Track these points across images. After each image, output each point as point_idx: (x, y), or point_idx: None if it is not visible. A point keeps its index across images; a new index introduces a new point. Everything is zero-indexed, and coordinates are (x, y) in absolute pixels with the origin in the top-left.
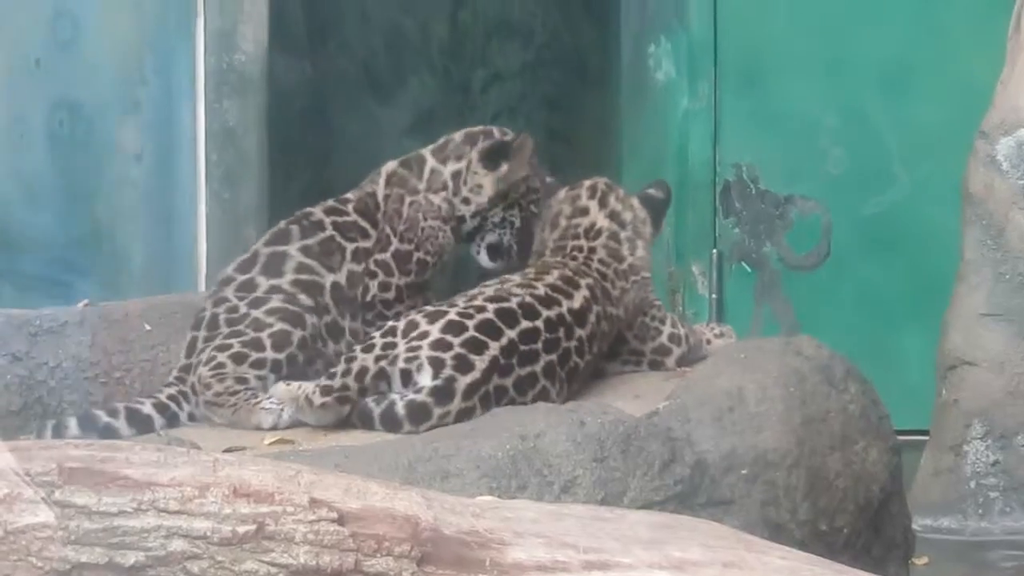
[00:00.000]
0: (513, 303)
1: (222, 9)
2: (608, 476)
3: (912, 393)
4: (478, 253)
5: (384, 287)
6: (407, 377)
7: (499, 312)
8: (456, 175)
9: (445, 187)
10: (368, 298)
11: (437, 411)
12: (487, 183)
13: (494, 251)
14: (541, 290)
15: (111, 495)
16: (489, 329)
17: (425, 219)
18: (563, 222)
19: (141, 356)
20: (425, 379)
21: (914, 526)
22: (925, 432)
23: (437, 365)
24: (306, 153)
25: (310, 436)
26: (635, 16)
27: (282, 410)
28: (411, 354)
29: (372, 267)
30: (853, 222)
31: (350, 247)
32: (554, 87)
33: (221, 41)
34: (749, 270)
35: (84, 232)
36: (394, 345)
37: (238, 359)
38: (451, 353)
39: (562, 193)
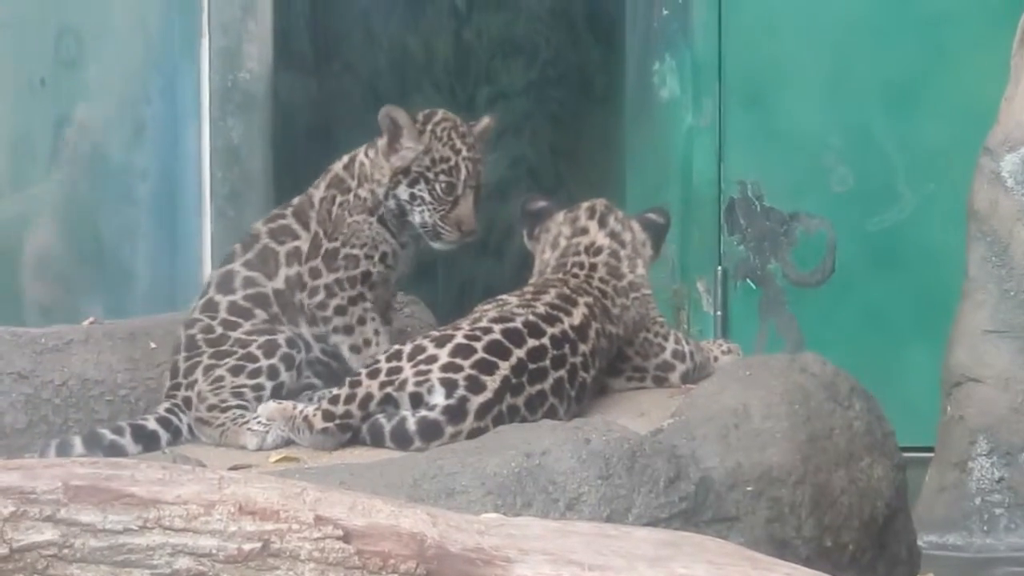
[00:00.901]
0: (518, 323)
1: (227, 28)
2: (613, 493)
3: (917, 410)
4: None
5: (313, 292)
6: (417, 400)
7: (506, 332)
8: (373, 162)
9: (367, 177)
10: (307, 309)
11: (449, 430)
12: (382, 160)
13: (427, 231)
14: (541, 308)
15: (116, 513)
16: (498, 349)
17: (351, 215)
18: (563, 242)
19: (146, 374)
20: (438, 398)
21: (919, 542)
22: (930, 449)
23: (449, 385)
24: (311, 171)
25: (315, 454)
26: (639, 34)
27: (267, 432)
28: (421, 377)
29: (305, 277)
30: (858, 239)
31: (282, 250)
32: (558, 105)
33: (226, 60)
34: (754, 287)
35: (89, 250)
36: (400, 370)
37: (235, 371)
38: (463, 374)
39: (560, 215)
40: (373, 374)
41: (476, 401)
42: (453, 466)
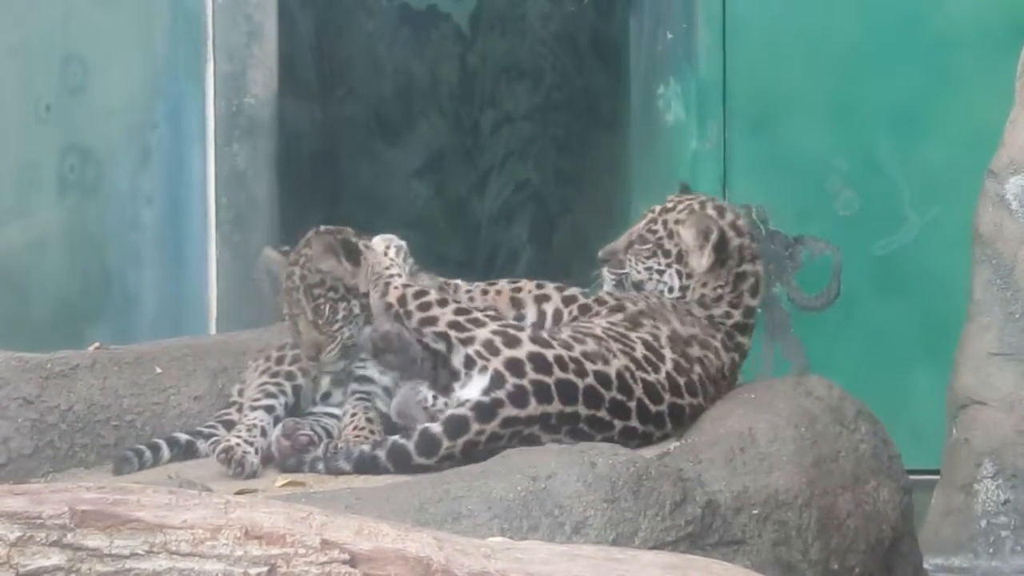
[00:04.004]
0: (611, 371)
1: (231, 54)
2: (619, 517)
3: (923, 433)
4: None
5: None
6: (468, 365)
7: (598, 375)
8: None
9: None
10: None
11: (475, 427)
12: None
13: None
14: (639, 351)
15: (123, 537)
16: (567, 390)
17: None
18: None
19: (152, 399)
20: (473, 390)
21: (925, 565)
22: (936, 471)
23: (497, 381)
24: (316, 196)
25: (321, 478)
26: (644, 58)
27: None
28: (484, 349)
29: None
30: (863, 262)
31: None
32: (563, 129)
33: (231, 85)
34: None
35: (95, 275)
36: (479, 324)
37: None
38: (513, 381)
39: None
40: (457, 311)
41: (511, 412)
42: (459, 490)
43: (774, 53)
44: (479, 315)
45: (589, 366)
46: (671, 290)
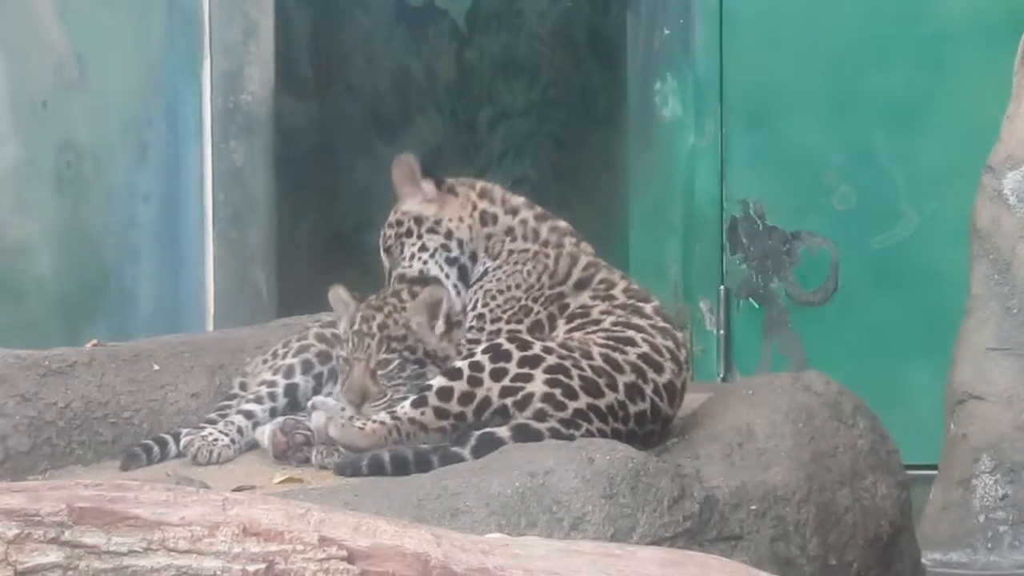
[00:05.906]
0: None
1: (228, 50)
2: (617, 513)
3: (921, 428)
4: None
5: None
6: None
7: (637, 418)
8: None
9: None
10: None
11: None
12: None
13: None
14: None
15: (121, 535)
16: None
17: None
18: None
19: (150, 396)
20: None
21: (924, 560)
22: (934, 467)
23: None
24: (313, 193)
25: (319, 474)
26: (641, 54)
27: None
28: (548, 407)
29: None
30: (860, 258)
31: None
32: (560, 125)
33: (228, 82)
34: (757, 306)
35: (92, 272)
36: (530, 378)
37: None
38: (583, 429)
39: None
40: (497, 375)
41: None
42: (457, 486)
43: (771, 48)
44: (521, 368)
45: (631, 408)
46: (456, 261)
